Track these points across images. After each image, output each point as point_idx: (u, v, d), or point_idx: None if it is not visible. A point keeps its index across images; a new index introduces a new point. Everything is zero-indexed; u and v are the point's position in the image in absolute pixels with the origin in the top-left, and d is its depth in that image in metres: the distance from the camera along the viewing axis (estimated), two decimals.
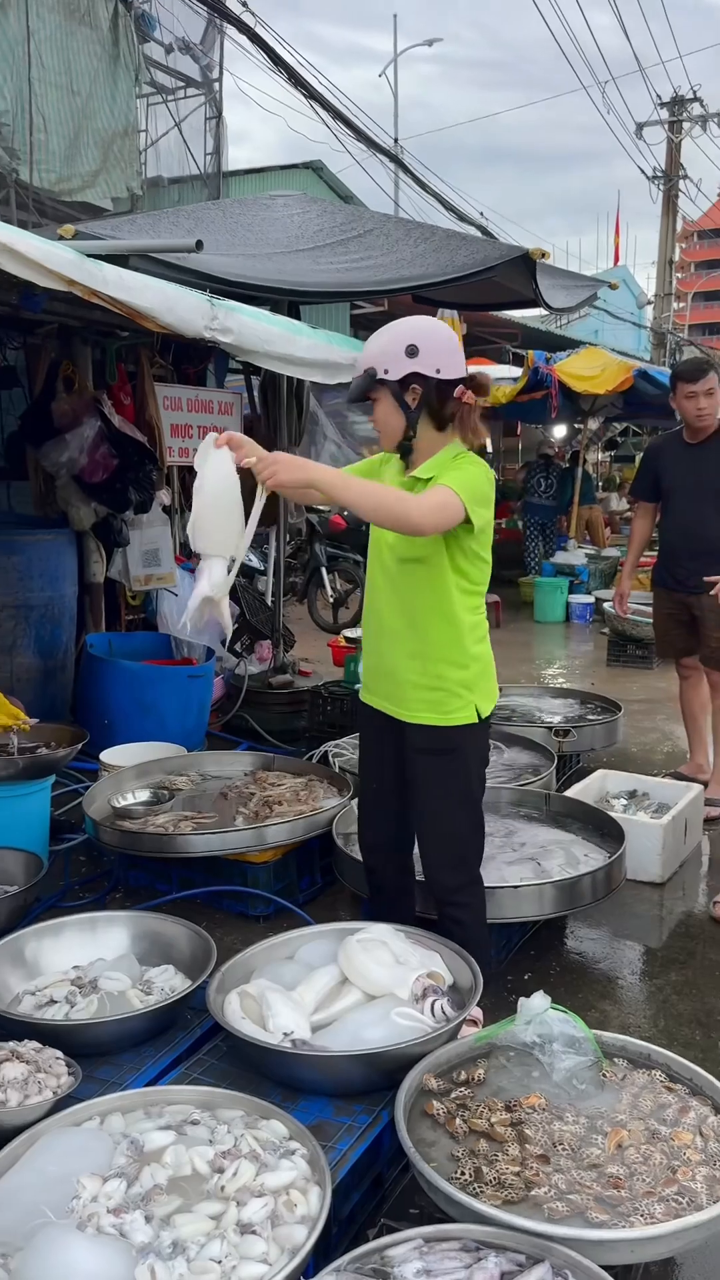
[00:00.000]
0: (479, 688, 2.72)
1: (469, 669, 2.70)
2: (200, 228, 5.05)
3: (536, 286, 4.73)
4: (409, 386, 2.58)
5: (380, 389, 2.61)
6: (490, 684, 2.78)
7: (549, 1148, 2.06)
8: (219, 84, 10.84)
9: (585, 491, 12.28)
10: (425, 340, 2.58)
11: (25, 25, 7.96)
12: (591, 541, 12.58)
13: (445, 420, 2.64)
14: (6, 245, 2.51)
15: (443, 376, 2.57)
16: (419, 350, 2.55)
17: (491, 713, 2.79)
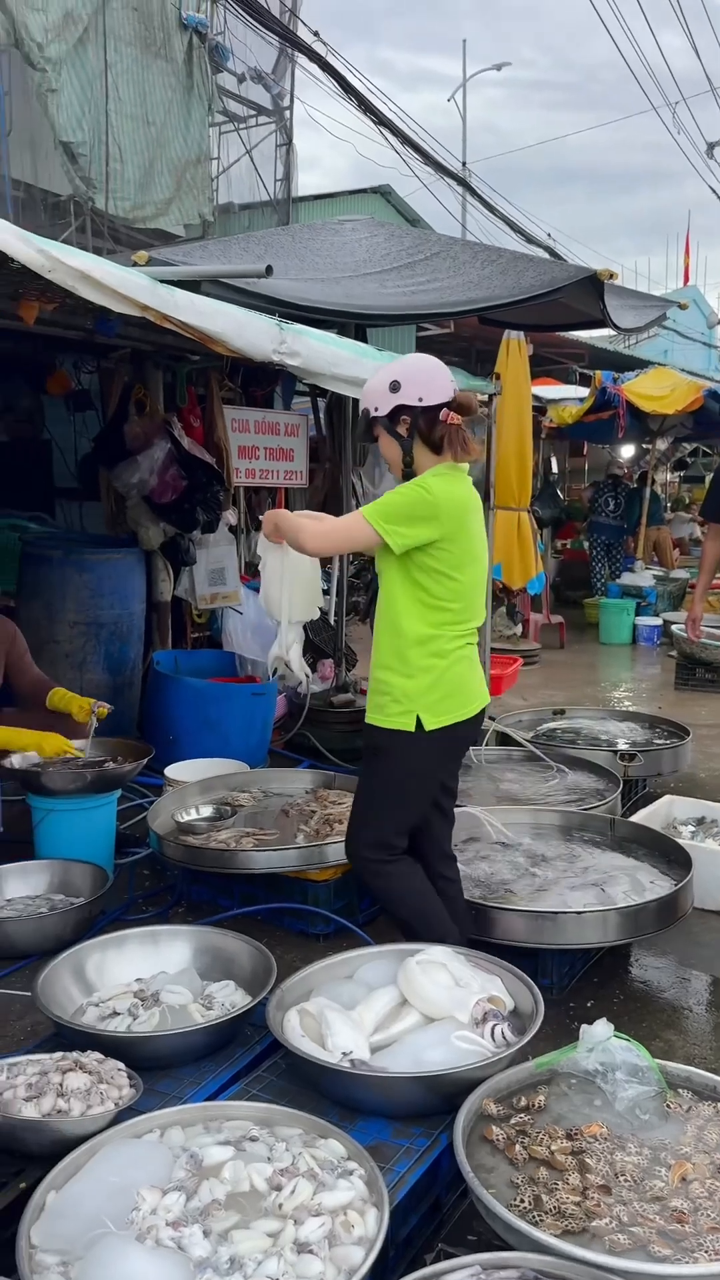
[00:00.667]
0: (424, 700, 2.80)
1: (414, 679, 2.80)
2: (270, 253, 5.13)
3: (604, 307, 4.71)
4: (398, 418, 2.80)
5: (376, 426, 2.85)
6: (445, 700, 2.82)
7: (611, 1178, 2.02)
8: (289, 112, 11.03)
9: (653, 512, 12.14)
10: (405, 374, 2.80)
11: (104, 59, 8.19)
12: (659, 563, 12.41)
13: (437, 443, 2.81)
14: (84, 272, 2.59)
15: (426, 403, 2.77)
16: (400, 384, 2.78)
17: (446, 728, 2.82)
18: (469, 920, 3.11)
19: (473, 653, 2.93)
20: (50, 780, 3.89)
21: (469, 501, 2.85)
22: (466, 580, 2.82)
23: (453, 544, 2.76)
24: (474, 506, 2.89)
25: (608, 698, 7.84)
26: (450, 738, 2.86)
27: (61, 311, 3.62)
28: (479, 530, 2.90)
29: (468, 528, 2.81)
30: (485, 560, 2.97)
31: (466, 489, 2.87)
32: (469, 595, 2.85)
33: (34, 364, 6.73)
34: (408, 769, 2.87)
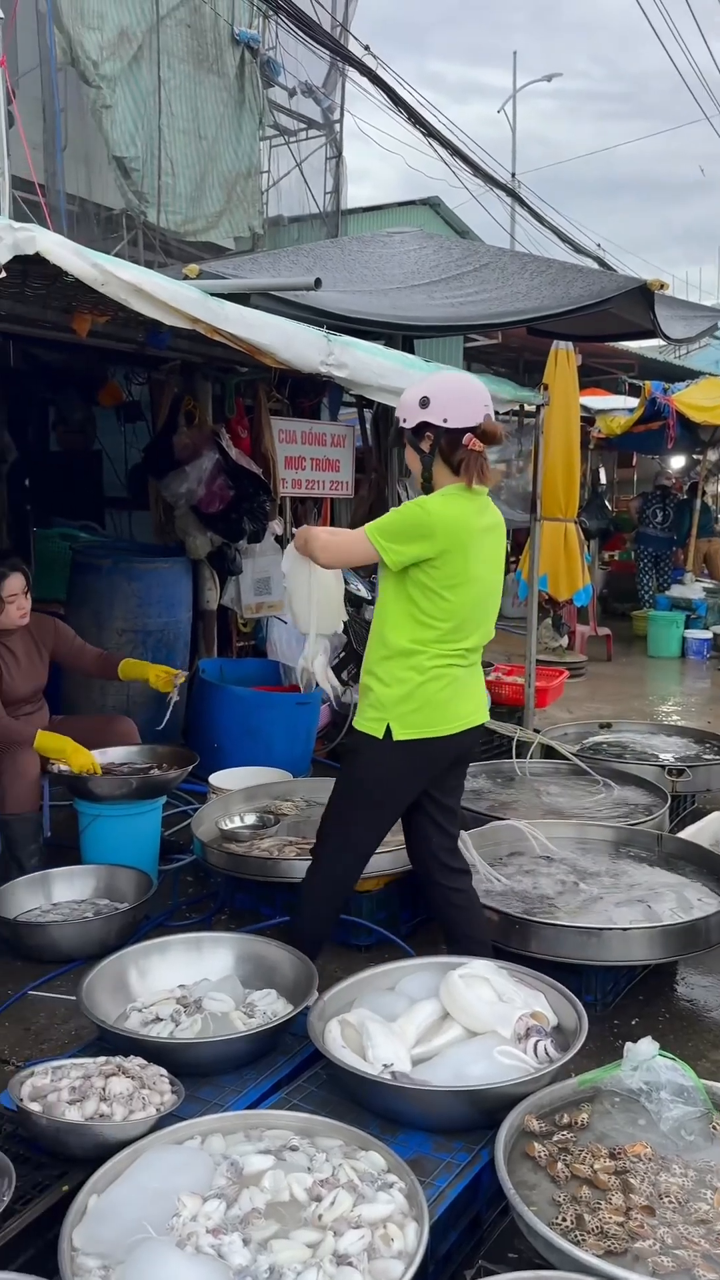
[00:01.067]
0: (395, 710, 2.84)
1: (390, 689, 2.86)
2: (319, 265, 5.16)
3: (654, 317, 4.68)
4: (423, 434, 2.85)
5: (403, 436, 2.93)
6: (416, 714, 2.84)
7: (654, 1199, 1.99)
8: (340, 125, 11.10)
9: (704, 524, 11.98)
10: (437, 393, 2.84)
11: (157, 75, 8.31)
12: (710, 575, 12.25)
13: (456, 465, 2.84)
14: (135, 285, 2.62)
15: (450, 425, 2.80)
16: (430, 402, 2.82)
17: (414, 742, 2.85)
18: (485, 927, 3.12)
19: (463, 673, 2.91)
20: (97, 786, 3.93)
21: (474, 523, 2.84)
22: (458, 600, 2.82)
23: (447, 563, 2.78)
24: (482, 528, 2.87)
25: (656, 711, 7.75)
26: (419, 752, 2.87)
27: (114, 324, 3.68)
28: (486, 553, 2.89)
29: (467, 549, 2.80)
30: (489, 582, 2.93)
31: (476, 511, 2.85)
32: (461, 615, 2.84)
33: (87, 376, 6.84)
34: (372, 774, 2.92)
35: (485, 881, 3.51)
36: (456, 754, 2.99)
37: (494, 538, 2.94)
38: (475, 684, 2.99)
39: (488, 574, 2.91)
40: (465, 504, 2.83)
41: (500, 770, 4.80)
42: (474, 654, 2.95)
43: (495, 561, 2.96)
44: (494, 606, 2.99)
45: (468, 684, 2.93)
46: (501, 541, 2.99)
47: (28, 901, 3.65)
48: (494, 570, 2.96)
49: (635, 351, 12.48)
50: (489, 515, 2.92)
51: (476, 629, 2.91)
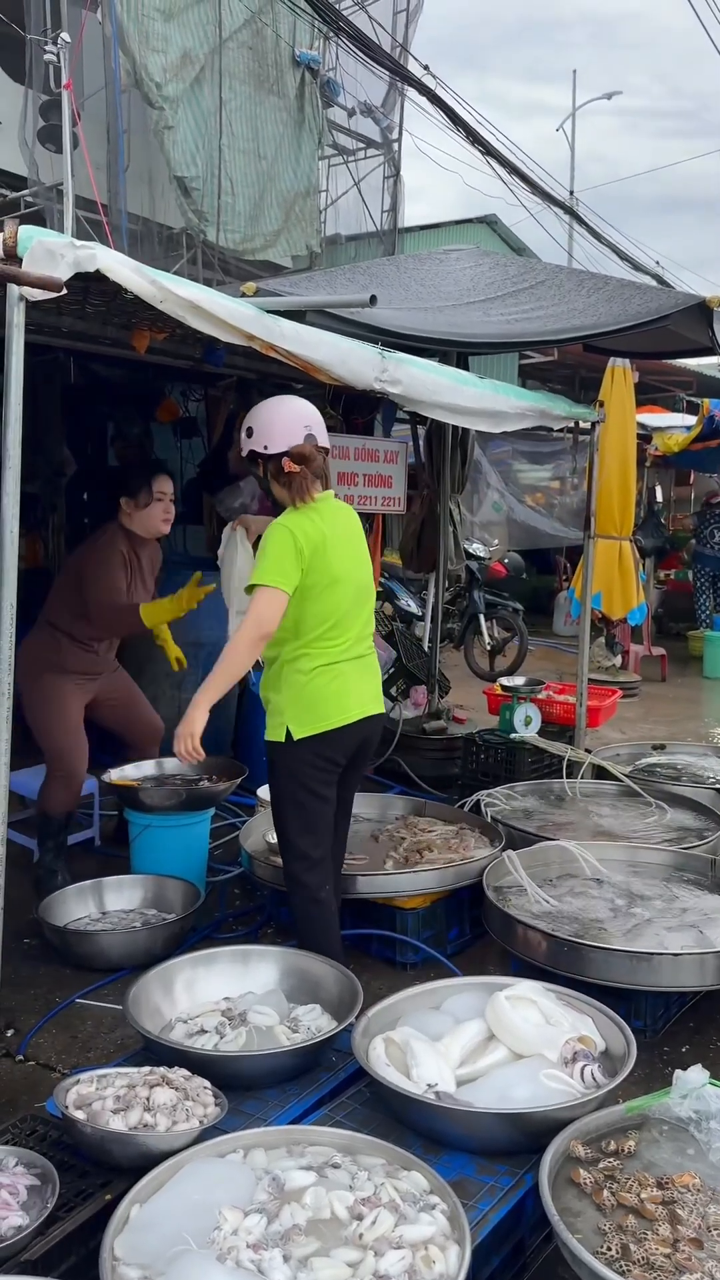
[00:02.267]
0: (290, 712, 3.02)
1: (282, 694, 3.05)
2: (374, 283, 5.19)
3: (713, 334, 4.62)
4: (255, 461, 3.08)
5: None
6: (307, 711, 3.01)
7: (703, 1231, 1.95)
8: (398, 144, 11.17)
9: None
10: (256, 421, 3.06)
11: (218, 96, 8.44)
12: None
13: (284, 485, 3.04)
14: (193, 302, 2.65)
15: (269, 451, 3.02)
16: (253, 431, 3.06)
17: (312, 738, 3.00)
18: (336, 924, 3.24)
19: (349, 667, 3.08)
20: (148, 796, 3.97)
21: (327, 530, 3.02)
22: (329, 602, 3.01)
23: (315, 570, 2.96)
24: (334, 535, 3.04)
25: (711, 733, 7.61)
26: (320, 747, 3.02)
27: (171, 341, 3.73)
28: (343, 552, 3.06)
29: (327, 553, 2.99)
30: (355, 578, 3.10)
31: (324, 517, 3.04)
32: (339, 613, 3.04)
33: (144, 392, 6.94)
34: (286, 776, 3.08)
35: (533, 903, 3.47)
36: (356, 747, 3.13)
37: (349, 538, 3.13)
38: (364, 676, 3.15)
39: (352, 571, 3.09)
40: (312, 514, 3.01)
41: (551, 790, 4.75)
42: (358, 646, 3.13)
43: (357, 558, 3.14)
44: (366, 599, 3.18)
45: (355, 677, 3.10)
46: (357, 536, 3.17)
47: (77, 910, 3.69)
48: (357, 566, 3.13)
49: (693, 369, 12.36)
50: (340, 517, 3.12)
51: (354, 622, 3.10)
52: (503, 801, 4.49)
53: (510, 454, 10.95)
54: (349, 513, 3.18)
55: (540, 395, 4.93)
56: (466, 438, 6.25)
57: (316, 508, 3.04)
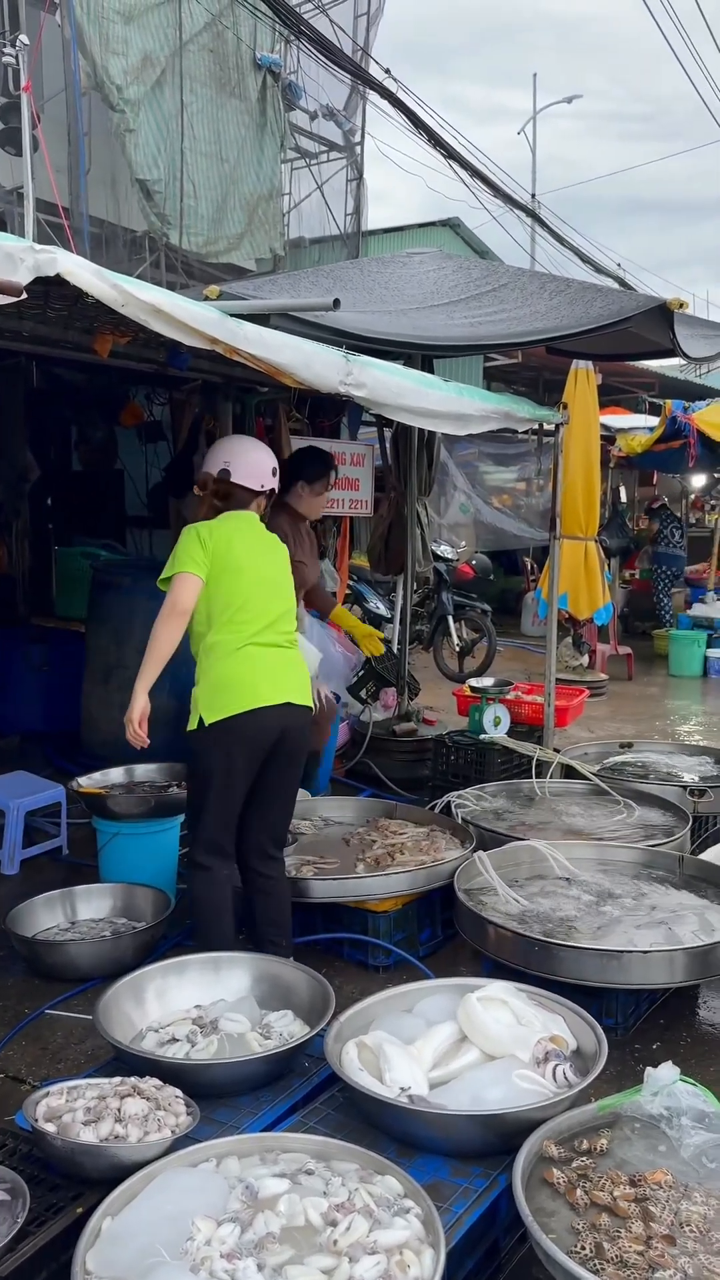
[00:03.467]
0: (203, 699, 3.14)
1: (200, 683, 3.19)
2: (338, 286, 5.19)
3: (674, 336, 4.66)
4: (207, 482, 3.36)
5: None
6: (217, 696, 3.12)
7: (675, 1228, 1.96)
8: (360, 147, 11.19)
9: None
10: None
11: (180, 99, 8.41)
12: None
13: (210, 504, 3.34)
14: (155, 306, 2.64)
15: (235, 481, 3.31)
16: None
17: (221, 722, 3.09)
18: (289, 914, 3.34)
19: (260, 652, 3.18)
20: (116, 804, 3.94)
21: (232, 529, 3.25)
22: (233, 586, 3.17)
23: (217, 560, 3.17)
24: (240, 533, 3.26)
25: (677, 731, 7.69)
26: (230, 731, 3.10)
27: (134, 345, 3.70)
28: (248, 547, 3.25)
29: (231, 546, 3.19)
30: (256, 567, 3.24)
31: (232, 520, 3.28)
32: (240, 598, 3.17)
33: (108, 396, 6.90)
34: (201, 764, 3.17)
35: (504, 903, 3.48)
36: (273, 736, 3.16)
37: (258, 538, 3.33)
38: (280, 665, 3.22)
39: (258, 564, 3.25)
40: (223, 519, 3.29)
41: (520, 790, 4.77)
42: (271, 633, 3.22)
43: (265, 556, 3.31)
44: (276, 593, 3.29)
45: (268, 663, 3.18)
46: (268, 539, 3.36)
47: (46, 920, 3.66)
48: (267, 563, 3.30)
49: (655, 370, 12.48)
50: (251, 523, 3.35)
51: (265, 611, 3.21)
52: (473, 802, 4.50)
53: (476, 456, 11.00)
54: (259, 524, 3.40)
55: (505, 398, 4.95)
56: (432, 440, 6.26)
57: (228, 516, 3.31)
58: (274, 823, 3.33)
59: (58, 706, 5.99)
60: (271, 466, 3.40)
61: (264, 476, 3.36)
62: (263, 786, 3.25)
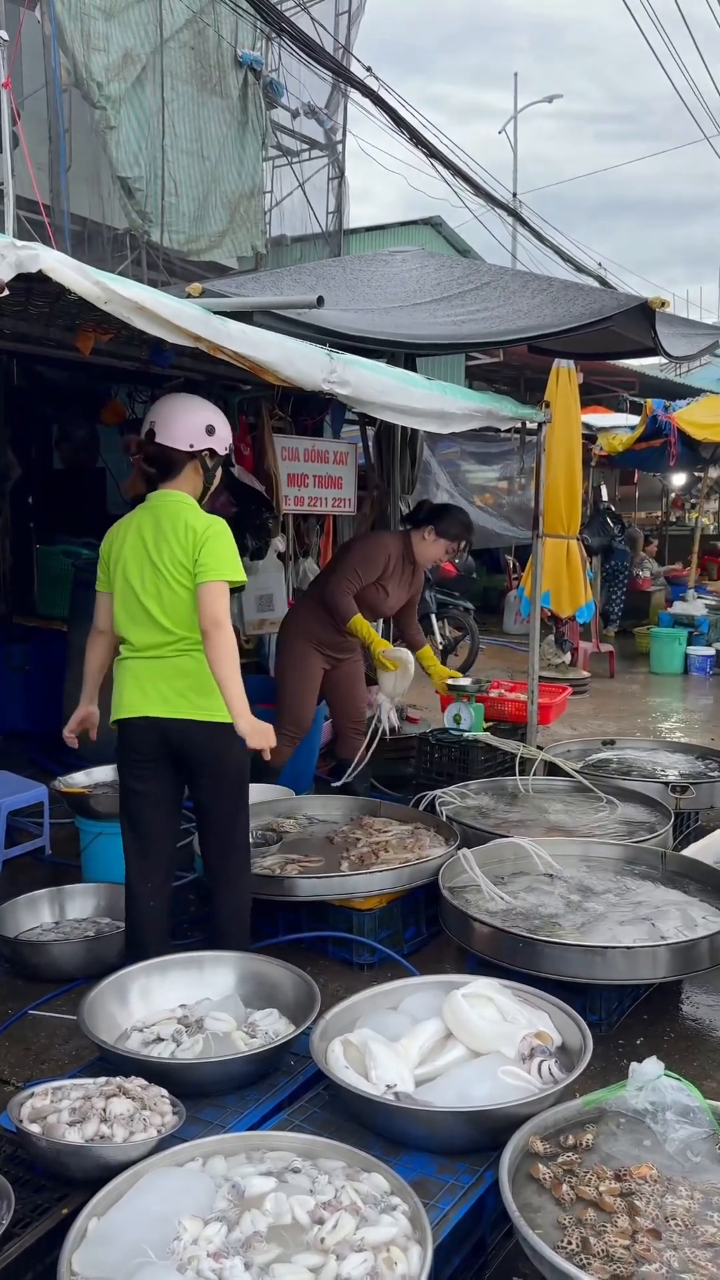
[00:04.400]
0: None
1: None
2: (321, 284, 5.18)
3: (655, 335, 4.68)
4: (209, 457, 3.19)
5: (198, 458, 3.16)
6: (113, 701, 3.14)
7: (661, 1222, 1.97)
8: (342, 145, 11.19)
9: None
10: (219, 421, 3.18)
11: (161, 97, 8.39)
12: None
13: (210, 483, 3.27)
14: (138, 303, 2.62)
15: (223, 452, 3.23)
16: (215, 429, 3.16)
17: (115, 722, 3.13)
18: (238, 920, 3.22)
19: (132, 665, 3.09)
20: (99, 803, 3.92)
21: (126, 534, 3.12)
22: (118, 593, 3.11)
23: (113, 571, 3.12)
24: (131, 534, 3.11)
25: (659, 728, 7.73)
26: (120, 734, 3.12)
27: (116, 342, 3.69)
28: (135, 547, 3.08)
29: (124, 550, 3.10)
30: (133, 577, 3.07)
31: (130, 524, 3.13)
32: (119, 604, 3.11)
33: (90, 394, 6.86)
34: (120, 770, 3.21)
35: (489, 900, 3.49)
36: (154, 743, 3.06)
37: (147, 537, 3.08)
38: (146, 675, 3.07)
39: (129, 573, 3.09)
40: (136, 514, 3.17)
41: (503, 788, 4.78)
42: (136, 646, 3.08)
43: (135, 561, 3.08)
44: (152, 592, 3.04)
45: (135, 674, 3.08)
46: (156, 533, 3.06)
47: (29, 920, 3.64)
48: (132, 569, 3.08)
49: (636, 369, 12.54)
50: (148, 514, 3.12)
51: (128, 625, 3.09)
52: (457, 800, 4.50)
53: (459, 455, 11.02)
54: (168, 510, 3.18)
55: (488, 396, 4.96)
56: (415, 438, 6.26)
57: (132, 515, 3.21)
58: (204, 834, 3.23)
59: (39, 706, 5.96)
60: (206, 424, 3.09)
61: (193, 435, 3.07)
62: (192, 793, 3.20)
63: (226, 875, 3.21)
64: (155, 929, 3.16)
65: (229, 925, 3.21)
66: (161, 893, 3.18)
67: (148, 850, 3.14)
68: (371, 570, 4.64)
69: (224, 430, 3.16)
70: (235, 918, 3.22)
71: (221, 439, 3.15)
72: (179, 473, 3.11)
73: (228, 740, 3.03)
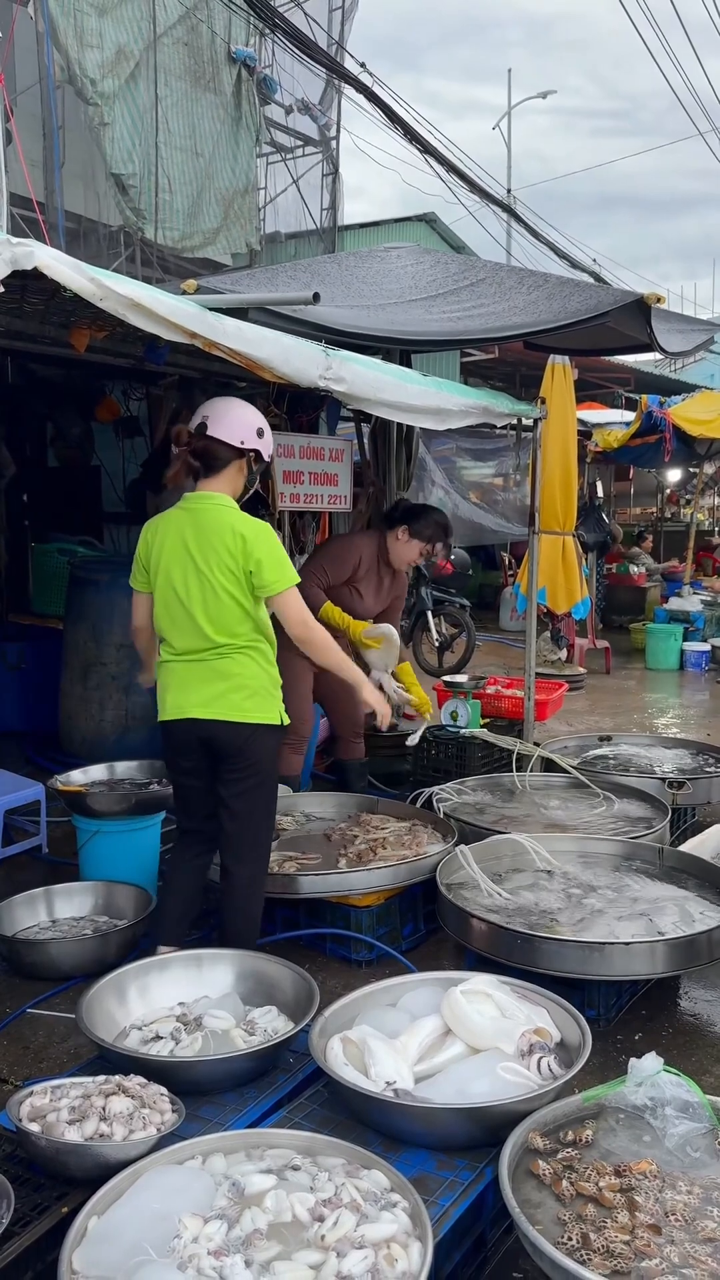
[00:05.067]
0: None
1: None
2: (316, 281, 5.17)
3: (651, 331, 4.68)
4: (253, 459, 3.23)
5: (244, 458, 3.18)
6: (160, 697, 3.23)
7: (661, 1218, 1.97)
8: (336, 142, 11.16)
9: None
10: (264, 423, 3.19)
11: (154, 93, 8.36)
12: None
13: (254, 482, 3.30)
14: (133, 300, 2.62)
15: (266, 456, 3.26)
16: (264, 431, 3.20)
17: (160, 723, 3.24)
18: (231, 929, 3.21)
19: (174, 668, 3.14)
20: (96, 802, 3.91)
21: (166, 531, 3.15)
22: (158, 594, 3.15)
23: (151, 568, 3.16)
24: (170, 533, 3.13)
25: (655, 724, 7.73)
26: (164, 733, 3.21)
27: (111, 340, 3.68)
28: (176, 546, 3.10)
29: (164, 553, 3.12)
30: (177, 582, 3.09)
31: (172, 521, 3.15)
32: (160, 607, 3.15)
33: (85, 392, 6.86)
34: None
35: (486, 896, 3.49)
36: (196, 742, 3.13)
37: (190, 538, 3.09)
38: (188, 678, 3.11)
39: (176, 577, 3.10)
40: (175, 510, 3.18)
41: (500, 784, 4.78)
42: (176, 649, 3.13)
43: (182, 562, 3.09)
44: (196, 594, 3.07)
45: (178, 676, 3.13)
46: (199, 535, 3.07)
47: (26, 919, 3.63)
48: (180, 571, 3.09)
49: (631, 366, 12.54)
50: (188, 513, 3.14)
51: (173, 629, 3.12)
52: (454, 796, 4.50)
53: (454, 451, 11.01)
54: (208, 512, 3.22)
55: (484, 393, 4.95)
56: (411, 435, 6.26)
57: (172, 511, 3.22)
58: (225, 833, 3.23)
59: (35, 705, 5.96)
60: (257, 426, 3.16)
61: (245, 433, 3.11)
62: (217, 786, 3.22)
63: (244, 878, 3.19)
64: (180, 903, 3.30)
65: (240, 930, 3.19)
66: (197, 865, 3.34)
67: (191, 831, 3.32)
68: (340, 570, 4.57)
69: (269, 437, 3.21)
70: (247, 923, 3.21)
71: (267, 444, 3.20)
72: (223, 469, 3.13)
73: (263, 741, 3.09)
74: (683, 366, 17.16)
